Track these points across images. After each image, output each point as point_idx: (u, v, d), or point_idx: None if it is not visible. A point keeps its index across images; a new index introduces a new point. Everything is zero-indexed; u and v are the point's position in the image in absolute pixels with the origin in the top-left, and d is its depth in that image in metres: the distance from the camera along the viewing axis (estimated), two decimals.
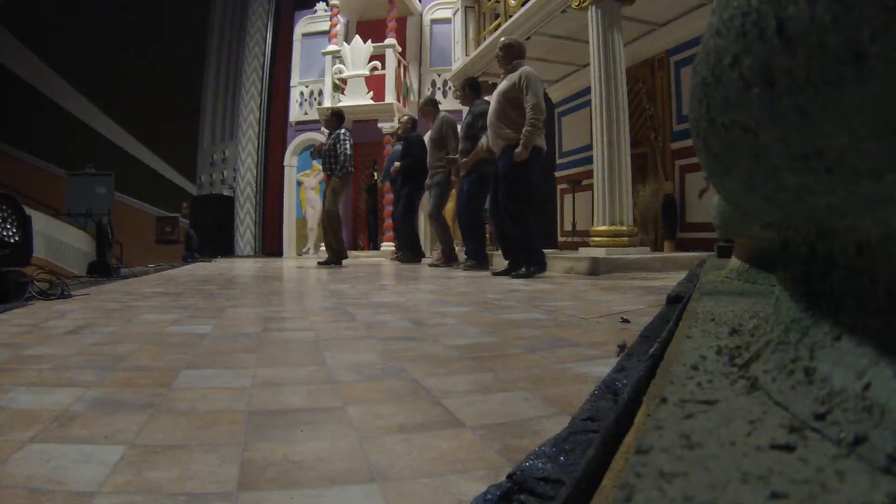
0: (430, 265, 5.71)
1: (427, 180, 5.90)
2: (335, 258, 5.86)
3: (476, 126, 4.74)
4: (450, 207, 6.32)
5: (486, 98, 4.92)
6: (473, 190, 4.86)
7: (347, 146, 5.69)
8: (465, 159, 4.81)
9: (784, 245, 0.65)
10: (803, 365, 0.51)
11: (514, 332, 1.58)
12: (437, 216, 5.81)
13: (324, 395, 0.94)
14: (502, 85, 3.95)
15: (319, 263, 5.87)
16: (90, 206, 7.69)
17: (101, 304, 2.43)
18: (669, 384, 0.60)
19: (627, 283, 3.16)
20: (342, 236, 5.95)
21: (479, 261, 4.98)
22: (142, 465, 0.64)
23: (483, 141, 4.54)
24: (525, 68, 3.88)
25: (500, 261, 5.04)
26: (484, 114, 4.50)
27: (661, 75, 5.83)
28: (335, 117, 5.93)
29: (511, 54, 4.01)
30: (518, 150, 3.75)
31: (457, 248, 5.97)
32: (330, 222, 5.80)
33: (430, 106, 6.05)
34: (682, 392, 0.56)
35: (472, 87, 5.06)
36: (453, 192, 5.72)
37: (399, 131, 6.62)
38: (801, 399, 0.47)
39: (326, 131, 6.47)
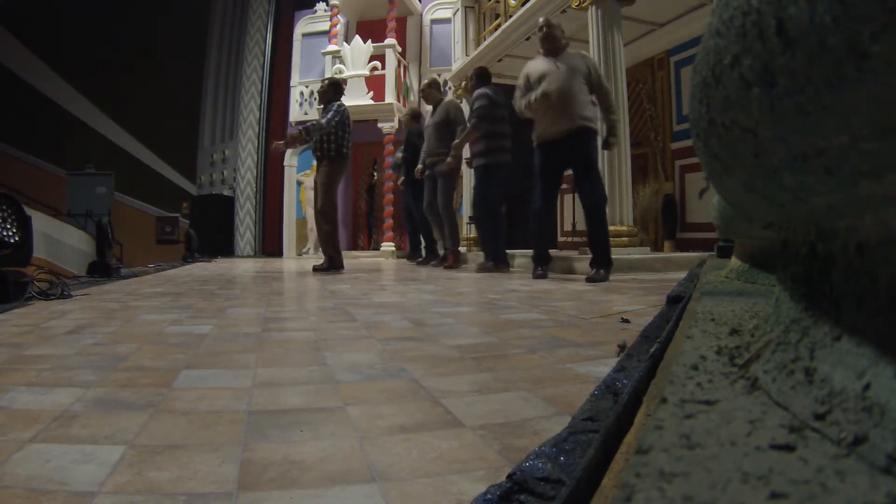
0: (434, 265, 5.68)
1: (426, 170, 5.42)
2: (329, 264, 4.70)
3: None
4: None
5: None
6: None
7: (333, 117, 4.43)
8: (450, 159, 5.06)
9: (784, 245, 0.65)
10: (803, 365, 0.51)
11: (515, 332, 1.58)
12: (448, 210, 5.33)
13: (324, 395, 0.94)
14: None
15: (314, 269, 4.80)
16: (90, 206, 7.71)
17: (101, 304, 2.43)
18: (669, 384, 0.59)
19: (627, 283, 3.16)
20: (338, 240, 4.78)
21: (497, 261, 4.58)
22: (142, 465, 0.64)
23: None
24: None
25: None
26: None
27: (661, 75, 5.83)
28: (332, 87, 4.68)
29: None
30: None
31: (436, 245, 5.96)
32: (325, 222, 4.62)
33: (433, 88, 5.59)
34: (682, 392, 0.56)
35: (479, 78, 4.80)
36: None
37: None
38: (801, 399, 0.47)
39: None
